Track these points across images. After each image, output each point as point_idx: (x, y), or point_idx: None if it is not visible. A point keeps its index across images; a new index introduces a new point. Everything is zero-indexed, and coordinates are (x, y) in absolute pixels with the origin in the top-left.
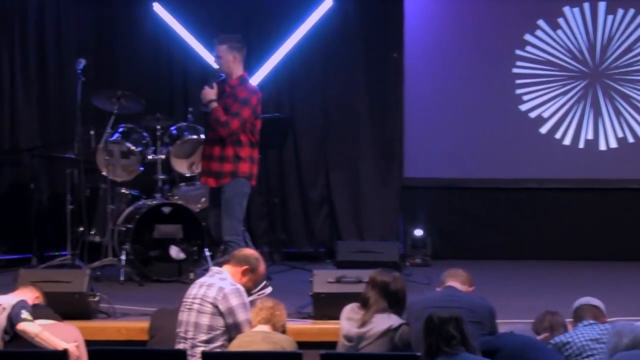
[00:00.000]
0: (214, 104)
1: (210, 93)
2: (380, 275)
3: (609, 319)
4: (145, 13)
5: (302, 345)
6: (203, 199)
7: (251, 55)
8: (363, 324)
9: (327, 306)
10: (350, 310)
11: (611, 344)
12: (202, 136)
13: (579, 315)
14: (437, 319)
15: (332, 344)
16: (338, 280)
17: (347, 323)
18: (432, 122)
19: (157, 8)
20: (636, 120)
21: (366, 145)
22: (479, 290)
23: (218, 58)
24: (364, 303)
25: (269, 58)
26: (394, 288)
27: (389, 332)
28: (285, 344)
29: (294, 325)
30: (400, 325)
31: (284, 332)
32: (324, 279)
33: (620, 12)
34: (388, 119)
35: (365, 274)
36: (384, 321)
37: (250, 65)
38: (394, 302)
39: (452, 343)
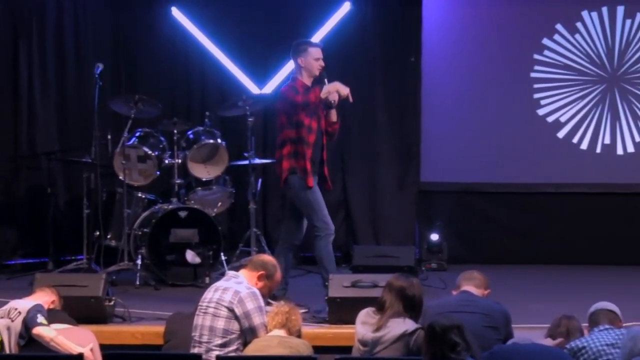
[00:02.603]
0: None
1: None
2: (398, 280)
3: (625, 324)
4: (164, 17)
5: (317, 349)
6: (219, 204)
7: (270, 58)
8: (378, 328)
9: (343, 310)
10: (366, 315)
11: (626, 348)
12: (220, 140)
13: (594, 320)
14: (439, 327)
15: (348, 349)
16: (354, 285)
17: (362, 327)
18: (449, 126)
19: (175, 12)
20: None
21: (383, 149)
22: (496, 295)
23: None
24: (380, 307)
25: (287, 62)
26: (410, 293)
27: (404, 336)
28: (301, 348)
29: (309, 329)
30: (415, 330)
31: (299, 336)
32: (339, 283)
33: (639, 16)
34: (405, 123)
35: (381, 278)
36: (399, 326)
37: (269, 69)
38: (410, 307)
39: (457, 349)
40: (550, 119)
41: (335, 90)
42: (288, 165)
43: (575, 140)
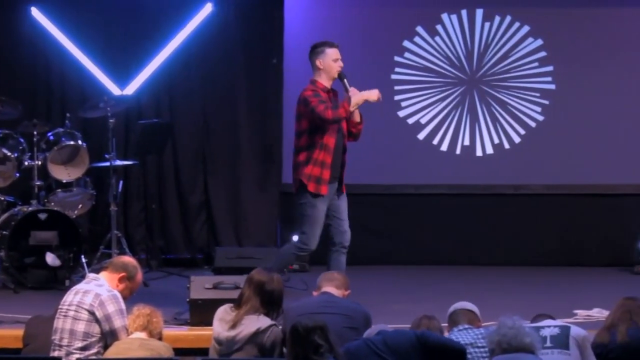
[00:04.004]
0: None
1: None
2: (259, 274)
3: (484, 324)
4: (23, 17)
5: (178, 351)
6: (80, 205)
7: (131, 59)
8: (234, 325)
9: (204, 312)
10: (223, 312)
11: (492, 344)
12: (81, 142)
13: (454, 320)
14: (303, 328)
15: (209, 350)
16: (215, 287)
17: (219, 325)
18: None
19: (35, 12)
20: (512, 127)
21: (245, 150)
22: (357, 296)
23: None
24: (238, 302)
25: (148, 63)
26: (269, 288)
27: (258, 334)
28: (161, 350)
29: (170, 331)
30: (269, 327)
31: (160, 338)
32: (201, 285)
33: (497, 19)
34: (267, 125)
35: (243, 280)
36: (253, 323)
37: (130, 70)
38: (268, 302)
39: (320, 351)
40: (410, 120)
41: (364, 100)
42: (305, 173)
43: (435, 141)
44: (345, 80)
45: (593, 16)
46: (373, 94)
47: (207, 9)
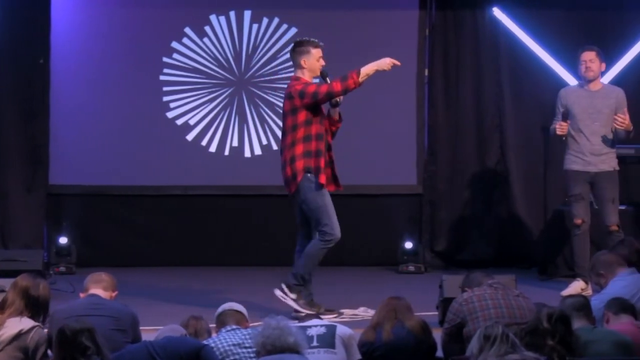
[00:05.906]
0: None
1: None
2: (24, 279)
3: (252, 324)
4: None
5: None
6: None
7: None
8: None
9: None
10: None
11: (257, 347)
12: None
13: (222, 321)
14: (70, 331)
15: None
16: None
17: None
18: (80, 128)
19: None
20: (280, 128)
21: (11, 151)
22: (125, 298)
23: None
24: (2, 305)
25: None
26: (35, 293)
27: (21, 335)
28: None
29: None
30: (32, 328)
31: None
32: None
33: (265, 21)
34: (34, 126)
35: (8, 283)
36: (16, 325)
37: None
38: (32, 306)
39: (87, 354)
40: (179, 121)
41: (375, 70)
42: (303, 165)
43: (204, 142)
44: (327, 78)
45: (358, 18)
46: (385, 62)
47: None
